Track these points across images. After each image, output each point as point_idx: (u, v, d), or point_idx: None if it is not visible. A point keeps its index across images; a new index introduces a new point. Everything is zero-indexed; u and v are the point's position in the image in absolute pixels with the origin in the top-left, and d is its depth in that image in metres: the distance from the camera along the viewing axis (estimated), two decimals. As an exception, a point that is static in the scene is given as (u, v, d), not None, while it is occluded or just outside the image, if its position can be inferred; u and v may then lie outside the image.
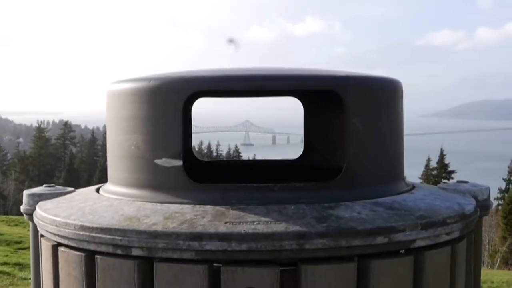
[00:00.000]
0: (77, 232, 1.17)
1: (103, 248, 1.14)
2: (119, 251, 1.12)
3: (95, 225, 1.15)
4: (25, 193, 1.47)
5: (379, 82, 1.34)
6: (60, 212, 1.26)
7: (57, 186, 1.51)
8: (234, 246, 1.05)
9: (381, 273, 1.10)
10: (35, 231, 1.40)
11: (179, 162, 1.21)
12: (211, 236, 1.06)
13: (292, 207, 1.15)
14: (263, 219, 1.10)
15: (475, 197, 1.41)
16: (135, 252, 1.10)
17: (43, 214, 1.29)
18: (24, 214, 1.46)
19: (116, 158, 1.33)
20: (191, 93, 1.22)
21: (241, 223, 1.09)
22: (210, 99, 1.78)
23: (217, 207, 1.15)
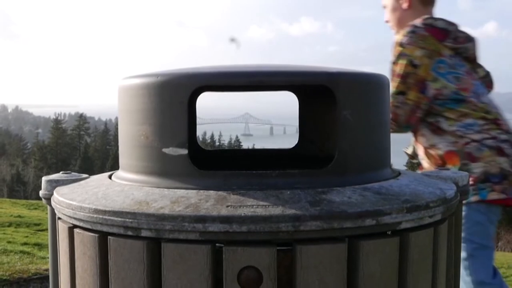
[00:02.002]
0: (91, 215, 1.17)
1: (115, 230, 1.14)
2: (129, 233, 1.12)
3: (107, 209, 1.15)
4: (44, 179, 1.47)
5: (368, 78, 1.34)
6: (75, 197, 1.26)
7: (73, 173, 1.51)
8: (235, 228, 1.05)
9: (369, 252, 1.10)
10: (53, 214, 1.41)
11: (184, 151, 1.21)
12: (214, 219, 1.06)
13: (288, 192, 1.15)
14: (262, 203, 1.10)
15: (456, 183, 1.41)
16: (144, 233, 1.10)
17: (60, 198, 1.29)
18: (43, 199, 1.46)
19: (127, 147, 1.33)
20: (196, 87, 1.22)
21: (242, 207, 1.09)
22: (213, 93, 1.78)
23: (220, 192, 1.15)
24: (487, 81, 2.85)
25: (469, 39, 2.66)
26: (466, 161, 2.54)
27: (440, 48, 2.53)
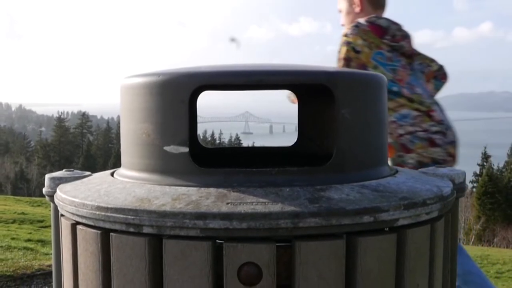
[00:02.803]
0: (93, 212, 1.17)
1: (117, 227, 1.14)
2: (131, 229, 1.12)
3: (110, 206, 1.15)
4: (47, 176, 1.47)
5: (366, 77, 1.34)
6: (78, 194, 1.26)
7: (75, 171, 1.51)
8: (235, 225, 1.05)
9: (367, 248, 1.10)
10: (56, 211, 1.41)
11: (185, 149, 1.21)
12: (214, 216, 1.06)
13: (287, 190, 1.15)
14: (261, 200, 1.10)
15: (452, 181, 1.41)
16: (146, 230, 1.10)
17: (63, 195, 1.29)
18: (46, 196, 1.46)
19: (129, 145, 1.33)
20: (197, 86, 1.22)
21: (242, 204, 1.09)
22: (214, 92, 1.78)
23: (220, 189, 1.15)
24: (440, 74, 3.03)
25: (405, 37, 2.86)
26: (401, 153, 2.70)
27: (379, 43, 2.75)
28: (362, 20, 2.77)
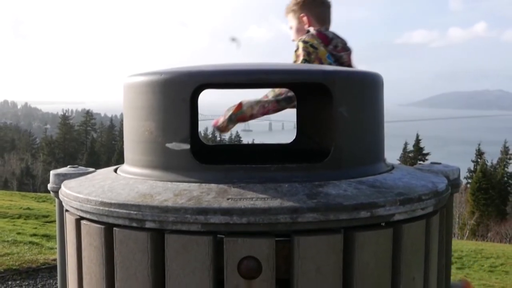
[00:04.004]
0: (97, 207, 1.17)
1: (120, 222, 1.14)
2: (134, 224, 1.12)
3: (113, 201, 1.15)
4: (52, 173, 1.47)
5: (363, 76, 1.34)
6: (82, 190, 1.26)
7: (80, 167, 1.51)
8: (235, 220, 1.05)
9: (364, 243, 1.10)
10: (61, 206, 1.41)
11: (187, 146, 1.21)
12: (215, 211, 1.06)
13: (286, 185, 1.15)
14: (261, 196, 1.10)
15: (447, 177, 1.41)
16: (149, 225, 1.10)
17: (68, 191, 1.29)
18: (51, 192, 1.46)
19: (132, 142, 1.33)
20: (198, 85, 1.22)
21: (242, 199, 1.09)
22: (215, 91, 1.78)
23: (221, 185, 1.15)
24: None
25: (346, 50, 3.03)
26: None
27: (325, 50, 2.94)
28: (311, 29, 2.98)
